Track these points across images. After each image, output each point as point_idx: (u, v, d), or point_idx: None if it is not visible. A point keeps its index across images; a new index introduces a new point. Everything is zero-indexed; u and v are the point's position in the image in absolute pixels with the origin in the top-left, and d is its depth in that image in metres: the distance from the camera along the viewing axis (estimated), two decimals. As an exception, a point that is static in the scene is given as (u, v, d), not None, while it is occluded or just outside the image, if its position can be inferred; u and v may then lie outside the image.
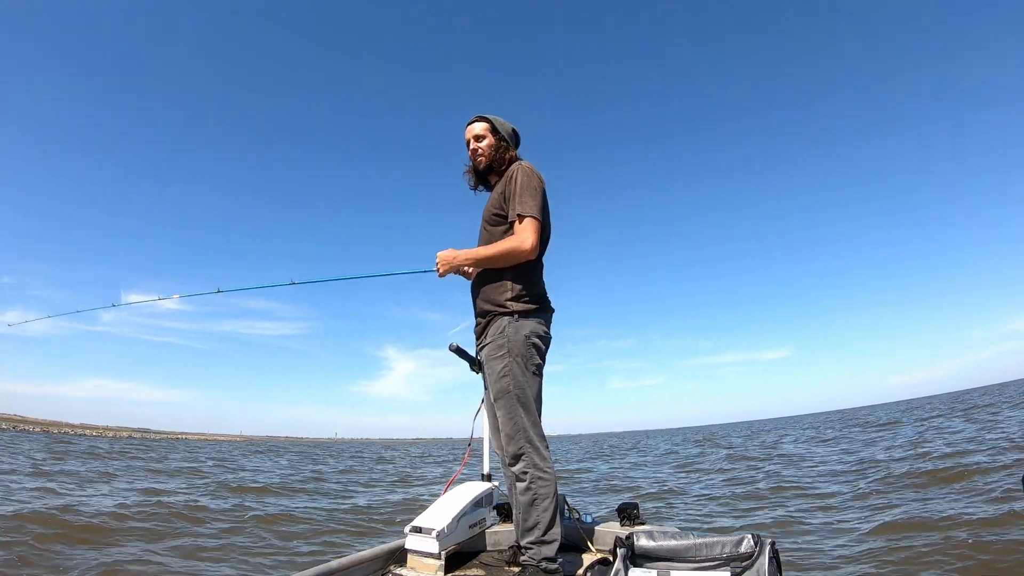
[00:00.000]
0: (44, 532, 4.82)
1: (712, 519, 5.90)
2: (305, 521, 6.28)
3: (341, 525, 6.17)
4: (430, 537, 2.09)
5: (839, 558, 3.97)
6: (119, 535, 5.08)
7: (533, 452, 2.00)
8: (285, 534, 5.60)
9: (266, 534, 5.54)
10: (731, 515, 5.98)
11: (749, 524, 5.42)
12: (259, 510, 6.79)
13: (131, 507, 6.28)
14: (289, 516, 6.48)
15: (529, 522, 1.97)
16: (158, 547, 4.76)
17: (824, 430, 24.03)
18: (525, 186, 2.10)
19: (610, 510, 2.67)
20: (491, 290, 2.14)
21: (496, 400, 2.08)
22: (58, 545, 4.55)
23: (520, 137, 2.39)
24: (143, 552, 4.53)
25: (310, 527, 6.00)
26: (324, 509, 7.19)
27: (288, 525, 6.04)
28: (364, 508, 7.36)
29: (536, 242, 2.07)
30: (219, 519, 6.14)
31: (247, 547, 5.01)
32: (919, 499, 5.51)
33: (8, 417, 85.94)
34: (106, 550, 4.55)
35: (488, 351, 2.11)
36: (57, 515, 5.45)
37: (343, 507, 7.46)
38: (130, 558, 4.33)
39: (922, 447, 9.95)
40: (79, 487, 8.13)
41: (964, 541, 3.85)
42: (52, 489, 7.52)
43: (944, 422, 16.90)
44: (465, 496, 2.35)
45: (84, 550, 4.48)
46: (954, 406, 29.83)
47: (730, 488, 7.97)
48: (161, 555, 4.52)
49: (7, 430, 42.99)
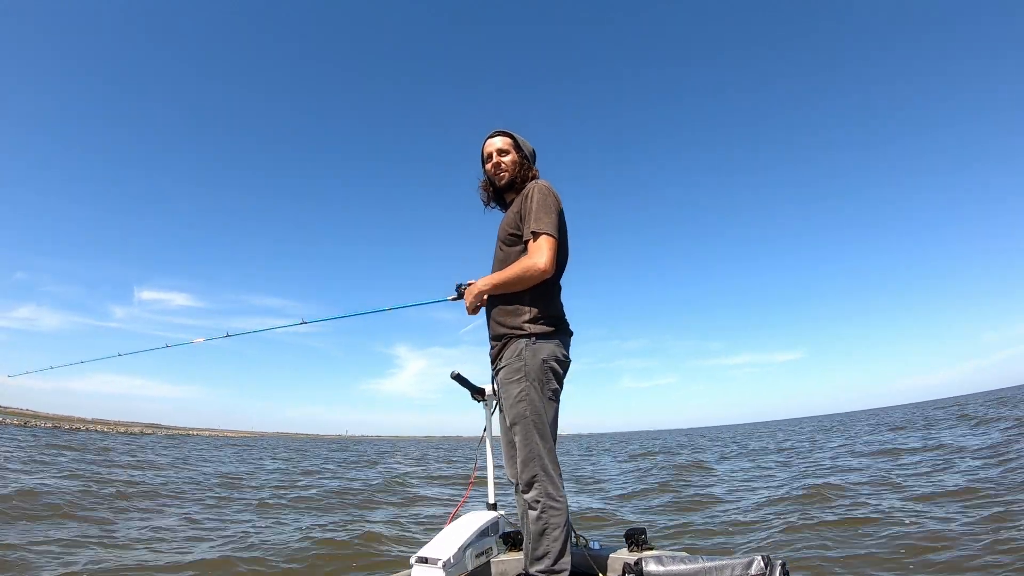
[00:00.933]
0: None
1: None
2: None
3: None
4: (436, 567, 2.06)
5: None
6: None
7: (547, 480, 1.96)
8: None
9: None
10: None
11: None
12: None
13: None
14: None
15: (539, 551, 1.95)
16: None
17: (784, 440, 22.93)
18: (541, 204, 2.04)
19: (617, 536, 2.63)
20: (507, 312, 2.08)
21: (512, 425, 2.03)
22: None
23: (536, 157, 2.36)
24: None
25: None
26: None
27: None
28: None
29: (552, 260, 1.99)
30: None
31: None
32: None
33: (20, 412, 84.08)
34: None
35: (504, 375, 2.06)
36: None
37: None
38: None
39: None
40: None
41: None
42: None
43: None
44: (471, 525, 2.32)
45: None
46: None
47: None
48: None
49: (20, 425, 41.90)
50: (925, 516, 5.06)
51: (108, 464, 13.00)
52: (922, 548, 4.15)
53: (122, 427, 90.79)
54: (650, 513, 6.89)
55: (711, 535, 5.46)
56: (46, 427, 45.73)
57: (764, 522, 5.67)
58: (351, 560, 4.80)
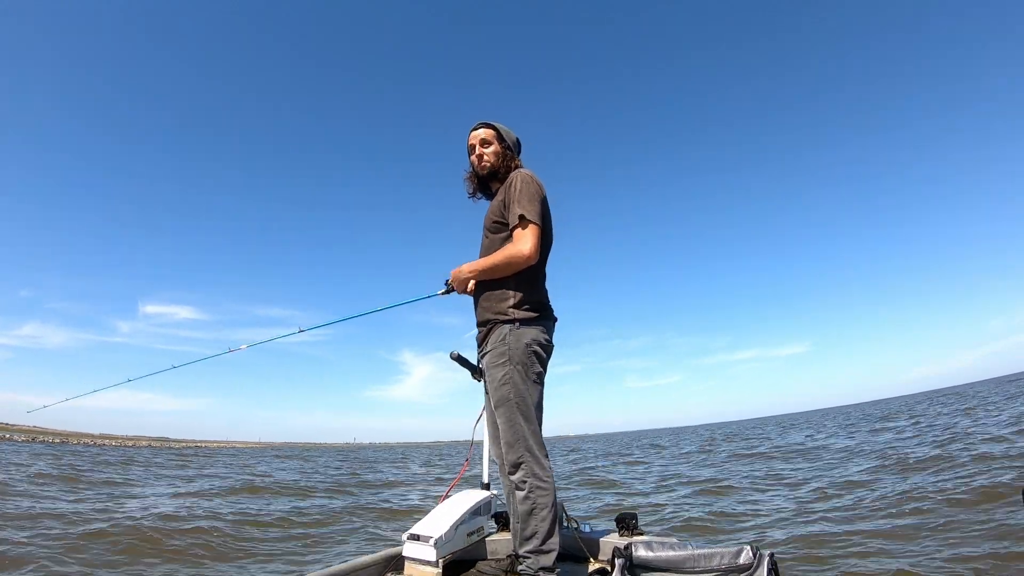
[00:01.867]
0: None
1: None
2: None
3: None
4: (428, 545, 2.09)
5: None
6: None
7: (532, 461, 2.00)
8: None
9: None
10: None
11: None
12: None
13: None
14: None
15: (527, 531, 1.97)
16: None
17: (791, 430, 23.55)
18: (524, 192, 2.10)
19: (608, 520, 2.66)
20: (492, 298, 2.14)
21: (496, 408, 2.09)
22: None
23: (521, 147, 2.41)
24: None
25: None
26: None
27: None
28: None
29: (536, 247, 2.05)
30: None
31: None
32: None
33: (27, 429, 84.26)
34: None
35: (489, 359, 2.11)
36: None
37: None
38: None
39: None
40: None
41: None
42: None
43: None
44: (463, 504, 2.35)
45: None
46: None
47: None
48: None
49: (27, 442, 42.53)
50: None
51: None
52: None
53: (129, 441, 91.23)
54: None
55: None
56: (55, 443, 46.09)
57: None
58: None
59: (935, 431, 12.46)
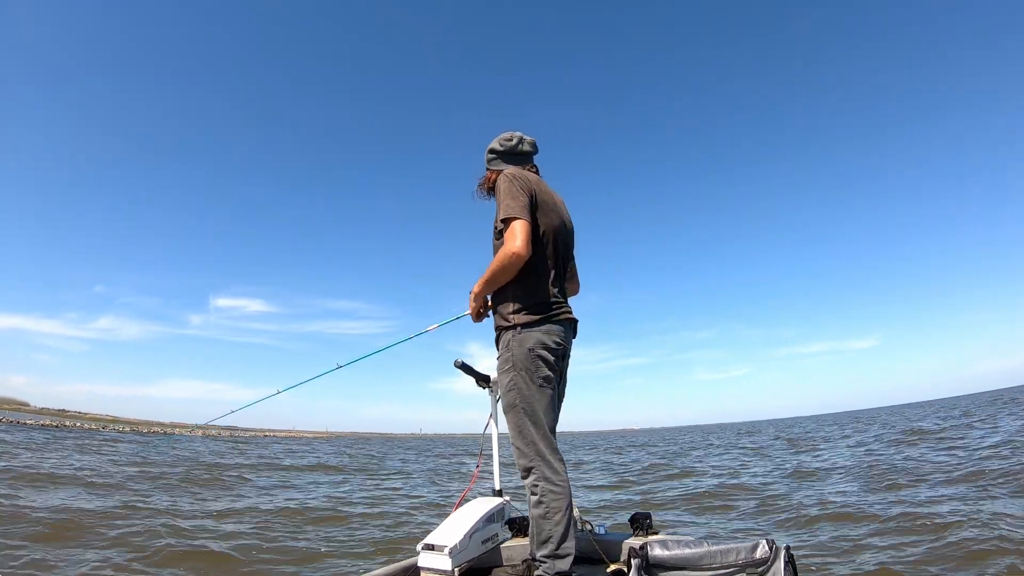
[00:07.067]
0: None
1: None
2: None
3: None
4: (443, 554, 2.08)
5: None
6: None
7: (544, 465, 1.99)
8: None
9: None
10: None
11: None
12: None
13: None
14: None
15: (542, 535, 1.96)
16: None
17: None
18: (506, 192, 2.10)
19: (622, 520, 2.65)
20: (500, 306, 2.17)
21: (505, 414, 2.10)
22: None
23: (514, 145, 2.34)
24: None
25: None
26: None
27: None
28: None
29: (525, 241, 2.01)
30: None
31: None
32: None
33: (100, 417, 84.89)
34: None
35: (497, 366, 2.15)
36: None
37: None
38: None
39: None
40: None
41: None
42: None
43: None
44: (477, 512, 2.34)
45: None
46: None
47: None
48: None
49: (101, 430, 42.51)
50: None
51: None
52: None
53: (199, 430, 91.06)
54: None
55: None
56: (124, 431, 46.10)
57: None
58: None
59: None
